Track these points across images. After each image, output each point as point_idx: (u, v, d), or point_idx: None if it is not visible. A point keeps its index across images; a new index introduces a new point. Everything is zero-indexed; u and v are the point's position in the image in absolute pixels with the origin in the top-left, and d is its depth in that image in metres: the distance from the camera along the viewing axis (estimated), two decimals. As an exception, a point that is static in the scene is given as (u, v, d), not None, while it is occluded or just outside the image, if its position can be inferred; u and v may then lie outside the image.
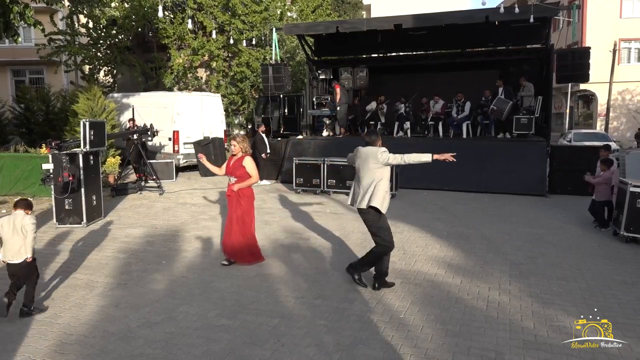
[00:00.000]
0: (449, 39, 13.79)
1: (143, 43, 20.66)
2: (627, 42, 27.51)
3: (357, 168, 5.16)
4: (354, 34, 13.96)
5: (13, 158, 10.72)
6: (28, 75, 24.28)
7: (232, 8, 18.61)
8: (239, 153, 5.86)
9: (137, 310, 4.56)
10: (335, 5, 27.38)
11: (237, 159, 5.84)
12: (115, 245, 6.89)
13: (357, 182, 5.14)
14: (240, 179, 5.78)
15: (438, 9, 14.78)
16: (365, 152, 5.07)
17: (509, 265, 5.93)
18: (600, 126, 27.25)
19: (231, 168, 5.83)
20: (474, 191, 11.17)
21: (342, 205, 9.76)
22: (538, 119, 12.64)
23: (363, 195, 4.98)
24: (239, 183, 5.77)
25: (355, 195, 5.11)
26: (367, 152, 5.05)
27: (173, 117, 14.09)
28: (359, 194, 5.03)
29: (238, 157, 5.85)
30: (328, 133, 14.46)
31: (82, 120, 7.98)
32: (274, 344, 3.88)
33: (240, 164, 5.78)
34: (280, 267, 5.85)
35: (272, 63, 14.99)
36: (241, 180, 5.77)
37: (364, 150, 5.11)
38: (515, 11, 11.32)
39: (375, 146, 5.05)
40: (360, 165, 5.09)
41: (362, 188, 5.01)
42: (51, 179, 7.57)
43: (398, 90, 14.74)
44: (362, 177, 5.04)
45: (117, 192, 10.86)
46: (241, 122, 20.78)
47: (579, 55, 12.18)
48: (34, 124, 17.48)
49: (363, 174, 5.04)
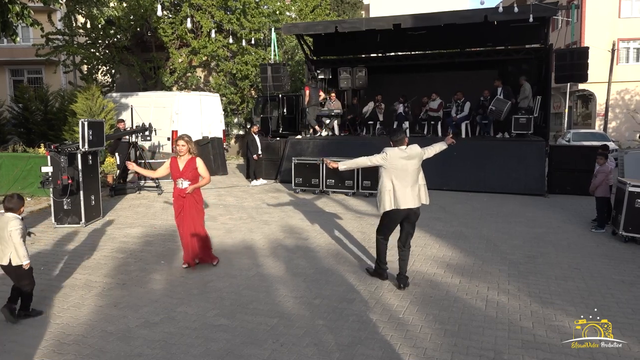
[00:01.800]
0: (448, 39, 13.81)
1: (141, 43, 20.62)
2: (626, 42, 27.53)
3: (396, 169, 4.95)
4: (352, 33, 13.97)
5: (11, 158, 10.70)
6: (26, 74, 24.25)
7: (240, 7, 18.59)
8: (186, 154, 5.61)
9: (136, 310, 4.55)
10: (334, 4, 27.38)
11: (188, 160, 5.60)
12: (114, 245, 6.88)
13: (401, 182, 4.94)
14: (194, 181, 5.61)
15: (437, 9, 14.79)
16: (414, 152, 5.03)
17: (508, 265, 5.94)
18: (599, 126, 27.28)
19: (182, 171, 5.58)
20: (473, 191, 11.18)
21: (342, 205, 9.75)
22: (537, 118, 12.66)
23: (417, 195, 5.00)
24: (193, 185, 5.59)
25: (405, 196, 4.94)
26: (415, 151, 5.03)
27: (172, 116, 14.08)
28: (408, 194, 4.94)
29: (188, 159, 5.60)
30: (327, 133, 14.46)
31: (81, 120, 7.96)
32: (273, 344, 3.87)
33: (193, 167, 5.59)
34: (279, 267, 5.85)
35: (271, 63, 14.99)
36: (194, 183, 5.62)
37: (413, 150, 5.05)
38: (514, 11, 11.33)
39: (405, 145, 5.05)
40: (406, 166, 4.96)
41: (411, 188, 4.96)
42: (50, 182, 7.57)
43: (397, 90, 14.76)
44: (410, 177, 4.98)
45: (116, 192, 10.85)
46: (240, 122, 20.77)
47: (578, 55, 12.20)
48: (32, 124, 17.44)
49: (411, 173, 4.98)
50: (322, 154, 12.19)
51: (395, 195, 4.94)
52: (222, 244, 6.90)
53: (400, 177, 4.94)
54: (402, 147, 5.01)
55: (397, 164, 4.94)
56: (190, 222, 5.70)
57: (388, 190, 4.97)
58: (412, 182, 4.98)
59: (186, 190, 5.58)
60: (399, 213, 5.00)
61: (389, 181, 4.97)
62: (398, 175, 4.94)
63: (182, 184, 5.60)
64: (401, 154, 4.96)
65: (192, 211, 5.70)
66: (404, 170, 4.95)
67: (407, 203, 4.94)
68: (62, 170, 7.56)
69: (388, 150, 5.00)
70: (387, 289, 5.09)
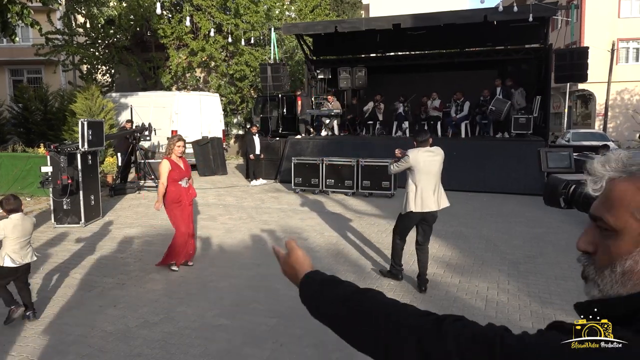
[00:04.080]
0: (447, 39, 13.81)
1: (141, 42, 20.63)
2: (626, 41, 27.52)
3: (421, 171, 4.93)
4: (352, 33, 13.97)
5: (11, 158, 10.69)
6: (26, 74, 24.22)
7: (234, 8, 18.58)
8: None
9: (135, 310, 4.55)
10: (333, 4, 27.36)
11: (183, 160, 5.76)
12: (114, 245, 6.87)
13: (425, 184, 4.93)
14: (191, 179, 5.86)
15: (437, 9, 14.79)
16: (439, 154, 5.03)
17: (508, 265, 5.94)
18: (598, 126, 27.27)
19: (185, 170, 5.71)
20: (473, 191, 11.18)
21: (341, 205, 9.75)
22: (536, 118, 12.66)
23: (439, 197, 5.00)
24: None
25: (429, 199, 4.93)
26: (440, 153, 5.04)
27: (171, 116, 14.08)
28: (431, 197, 4.94)
29: (183, 159, 5.75)
30: (327, 133, 14.46)
31: (80, 120, 7.96)
32: (273, 344, 3.87)
33: (187, 165, 5.79)
34: (279, 267, 5.81)
35: (270, 63, 14.99)
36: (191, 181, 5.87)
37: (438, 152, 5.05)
38: (514, 11, 11.34)
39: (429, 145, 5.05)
40: (430, 168, 4.96)
41: (433, 191, 4.96)
42: (50, 182, 7.57)
43: (397, 90, 14.75)
44: (434, 179, 4.99)
45: (116, 192, 10.85)
46: (240, 122, 20.76)
47: (577, 55, 12.20)
48: (32, 124, 17.45)
49: (435, 175, 4.99)
50: (321, 154, 12.19)
51: (421, 197, 4.93)
52: (221, 244, 6.90)
53: (425, 179, 4.94)
54: (428, 148, 5.01)
55: (422, 166, 4.93)
56: (189, 222, 5.73)
57: (414, 191, 4.96)
58: (435, 184, 4.99)
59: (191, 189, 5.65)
60: (418, 215, 5.01)
61: (414, 182, 4.96)
62: (423, 177, 4.94)
63: (186, 183, 5.67)
64: (427, 156, 4.96)
65: (190, 210, 5.74)
66: (428, 172, 4.95)
67: (430, 206, 4.95)
68: (62, 170, 7.55)
69: (412, 152, 4.97)
70: (387, 289, 5.09)
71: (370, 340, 0.94)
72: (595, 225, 0.87)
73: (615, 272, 0.83)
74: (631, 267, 0.81)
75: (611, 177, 0.86)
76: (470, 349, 0.82)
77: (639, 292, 0.81)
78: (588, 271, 0.88)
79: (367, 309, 0.97)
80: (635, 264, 0.81)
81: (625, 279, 0.82)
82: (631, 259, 0.81)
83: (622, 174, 0.84)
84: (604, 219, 0.84)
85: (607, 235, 0.84)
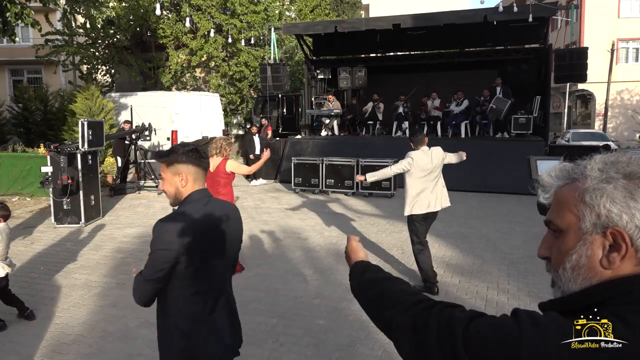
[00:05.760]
0: (447, 39, 13.81)
1: (141, 43, 20.62)
2: (625, 42, 27.52)
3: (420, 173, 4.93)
4: (352, 33, 13.96)
5: (11, 158, 10.69)
6: (26, 74, 24.21)
7: (230, 8, 18.59)
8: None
9: (135, 310, 4.53)
10: (333, 4, 27.37)
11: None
12: (114, 245, 6.87)
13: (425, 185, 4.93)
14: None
15: (436, 9, 14.79)
16: (437, 154, 5.03)
17: (508, 265, 5.94)
18: (598, 126, 27.27)
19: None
20: (473, 190, 11.17)
21: (341, 205, 9.75)
22: (536, 118, 12.66)
23: (441, 197, 5.03)
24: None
25: (428, 199, 4.95)
26: (438, 154, 5.04)
27: (171, 116, 14.06)
28: (431, 197, 4.95)
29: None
30: (327, 133, 14.46)
31: (80, 120, 7.96)
32: (273, 344, 3.87)
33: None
34: (279, 267, 5.84)
35: (270, 63, 14.99)
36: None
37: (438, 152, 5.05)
38: (514, 11, 11.35)
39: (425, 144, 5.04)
40: (429, 169, 4.95)
41: (432, 191, 4.97)
42: (50, 182, 7.57)
43: (397, 90, 14.75)
44: (436, 179, 5.00)
45: (116, 192, 10.85)
46: (240, 122, 20.77)
47: (577, 55, 12.21)
48: (32, 124, 17.43)
49: (437, 175, 5.01)
50: (321, 153, 12.19)
51: (421, 198, 4.94)
52: (221, 243, 6.89)
53: (424, 180, 4.94)
54: (425, 148, 5.00)
55: (422, 167, 4.93)
56: None
57: (412, 194, 4.96)
58: (435, 184, 4.99)
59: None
60: (421, 215, 5.02)
61: (413, 185, 4.96)
62: (422, 179, 4.94)
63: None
64: (425, 157, 4.96)
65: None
66: (427, 173, 4.94)
67: (430, 207, 4.96)
68: (62, 170, 7.55)
69: (413, 154, 4.96)
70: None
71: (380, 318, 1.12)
72: (550, 230, 0.95)
73: (566, 269, 0.89)
74: (577, 262, 0.87)
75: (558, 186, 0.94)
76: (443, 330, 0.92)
77: (590, 285, 0.86)
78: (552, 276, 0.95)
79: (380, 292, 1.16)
80: (580, 257, 0.87)
81: (575, 275, 0.88)
82: (575, 253, 0.87)
83: (567, 181, 0.93)
84: (554, 222, 0.92)
85: (557, 236, 0.92)
